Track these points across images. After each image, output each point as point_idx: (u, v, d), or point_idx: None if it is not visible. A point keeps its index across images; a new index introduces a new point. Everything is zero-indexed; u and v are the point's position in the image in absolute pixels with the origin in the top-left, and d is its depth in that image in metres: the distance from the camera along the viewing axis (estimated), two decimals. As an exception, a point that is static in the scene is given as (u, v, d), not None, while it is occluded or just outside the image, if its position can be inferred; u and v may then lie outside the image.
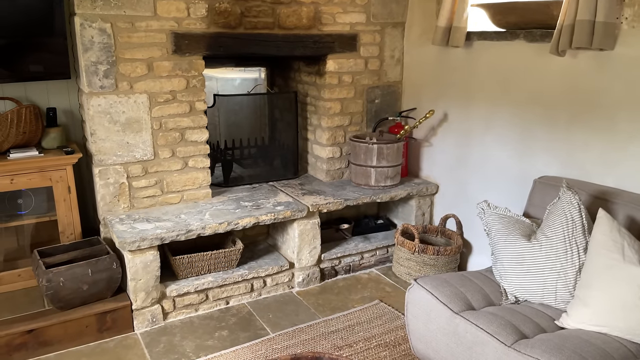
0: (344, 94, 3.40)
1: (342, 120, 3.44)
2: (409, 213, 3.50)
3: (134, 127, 2.79)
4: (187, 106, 2.91)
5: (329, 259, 3.19)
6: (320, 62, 3.34)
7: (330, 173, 3.50)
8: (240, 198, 3.12)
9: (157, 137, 2.87)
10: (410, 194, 3.35)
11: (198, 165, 3.02)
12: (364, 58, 3.41)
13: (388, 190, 3.29)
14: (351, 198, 3.16)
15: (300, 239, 3.02)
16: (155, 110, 2.83)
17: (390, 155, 3.26)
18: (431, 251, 3.07)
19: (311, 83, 3.48)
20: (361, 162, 3.30)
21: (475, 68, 3.03)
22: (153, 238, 2.56)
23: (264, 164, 3.58)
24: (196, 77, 2.90)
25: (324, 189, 3.33)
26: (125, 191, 2.84)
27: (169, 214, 2.84)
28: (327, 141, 3.43)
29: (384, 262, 3.42)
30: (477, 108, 3.05)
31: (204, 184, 3.07)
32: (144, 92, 2.78)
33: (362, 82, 3.45)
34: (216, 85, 4.63)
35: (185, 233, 2.65)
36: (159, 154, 2.89)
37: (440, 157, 3.39)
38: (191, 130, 2.96)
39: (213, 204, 3.00)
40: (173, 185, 2.97)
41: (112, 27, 2.64)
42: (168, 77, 2.82)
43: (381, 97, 3.56)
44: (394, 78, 3.57)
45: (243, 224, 2.80)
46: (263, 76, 4.12)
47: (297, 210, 2.94)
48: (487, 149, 3.03)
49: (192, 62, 2.87)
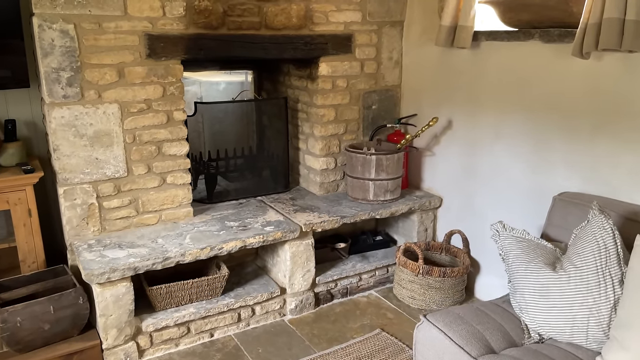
0: (338, 99, 3.10)
1: (337, 128, 3.15)
2: (410, 228, 3.22)
3: (104, 141, 2.48)
4: (164, 116, 2.61)
5: (324, 282, 2.90)
6: (312, 65, 3.04)
7: (324, 186, 3.20)
8: (225, 217, 2.82)
9: (130, 151, 2.56)
10: (412, 208, 3.07)
11: (177, 181, 2.71)
12: (360, 60, 3.12)
13: (388, 205, 3.01)
14: (348, 215, 2.87)
15: (292, 262, 2.72)
16: (127, 122, 2.52)
17: (390, 167, 2.98)
18: (437, 273, 2.79)
19: (302, 88, 3.18)
20: (358, 174, 3.01)
21: (483, 71, 2.75)
22: (125, 268, 2.26)
23: (252, 176, 3.27)
24: (174, 84, 2.60)
25: (317, 204, 3.03)
26: (94, 213, 2.53)
27: (144, 238, 2.53)
28: (320, 151, 3.13)
29: (384, 282, 3.13)
30: (486, 115, 2.78)
31: (185, 202, 2.77)
32: (115, 102, 2.47)
33: (357, 87, 3.16)
34: (200, 89, 4.32)
35: (163, 261, 2.35)
36: (132, 170, 2.58)
37: (444, 168, 3.11)
38: (169, 143, 2.65)
39: (195, 225, 2.70)
40: (149, 204, 2.66)
41: (76, 28, 2.32)
42: (142, 85, 2.51)
43: (378, 103, 3.27)
44: (392, 82, 3.28)
45: (228, 248, 2.50)
46: (250, 80, 3.82)
47: (289, 231, 2.65)
48: (497, 159, 2.75)
49: (169, 67, 2.56)
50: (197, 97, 4.32)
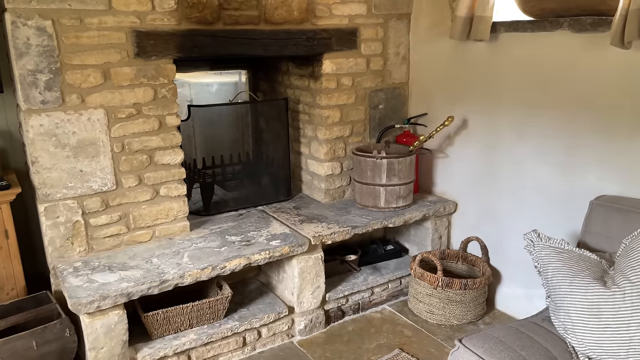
0: (343, 99, 2.87)
1: (342, 130, 2.92)
2: (423, 236, 3.00)
3: (89, 151, 2.22)
4: (156, 122, 2.35)
5: (334, 299, 2.66)
6: (315, 63, 2.80)
7: (330, 193, 2.97)
8: (225, 230, 2.57)
9: (119, 161, 2.29)
10: (426, 215, 2.85)
11: (172, 193, 2.46)
12: (365, 56, 2.89)
13: (401, 213, 2.78)
14: (359, 224, 2.63)
15: (300, 278, 2.48)
16: (115, 129, 2.25)
17: (402, 171, 2.75)
18: (457, 285, 2.57)
19: (304, 88, 2.94)
20: (368, 180, 2.78)
21: (503, 66, 2.54)
22: (117, 295, 2.00)
23: (251, 184, 3.02)
24: (166, 86, 2.34)
25: (324, 213, 2.80)
26: (80, 231, 2.26)
27: (137, 258, 2.27)
28: (325, 156, 2.90)
29: (397, 295, 2.91)
30: (506, 114, 2.56)
31: (180, 215, 2.51)
32: (100, 107, 2.20)
33: (363, 85, 2.93)
34: (189, 92, 4.05)
35: (159, 285, 2.09)
36: (122, 182, 2.32)
37: (459, 171, 2.90)
38: (162, 151, 2.39)
39: (192, 241, 2.44)
40: (142, 219, 2.40)
41: (54, 25, 2.05)
42: (130, 87, 2.25)
43: (385, 102, 3.04)
44: (399, 79, 3.06)
45: (231, 267, 2.25)
46: (244, 80, 3.57)
47: (297, 245, 2.41)
48: (520, 161, 2.54)
49: (160, 67, 2.31)
50: (187, 100, 4.06)
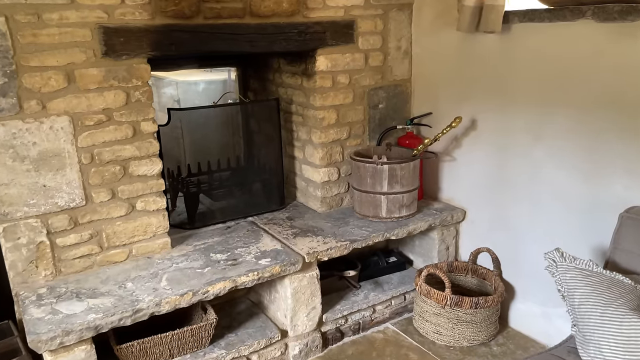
0: (340, 99, 2.61)
1: (339, 132, 2.66)
2: (429, 247, 2.75)
3: (53, 164, 1.97)
4: (130, 128, 2.10)
5: (332, 319, 2.42)
6: (308, 59, 2.55)
7: (327, 201, 2.72)
8: (210, 247, 2.32)
9: (88, 174, 2.05)
10: (432, 225, 2.60)
11: (150, 207, 2.21)
12: (364, 51, 2.63)
13: (404, 223, 2.53)
14: (359, 238, 2.39)
15: (294, 299, 2.24)
16: (82, 138, 2.01)
17: (405, 178, 2.50)
18: (468, 304, 2.33)
19: (296, 86, 2.69)
20: (367, 187, 2.53)
21: (517, 60, 2.28)
22: (83, 329, 1.76)
23: (241, 193, 2.78)
24: (139, 89, 2.09)
25: (320, 224, 2.55)
26: (45, 253, 2.02)
27: (110, 282, 2.03)
28: (320, 161, 2.64)
29: (401, 313, 2.67)
30: (520, 113, 2.31)
31: (160, 231, 2.26)
32: (64, 114, 1.95)
33: (362, 83, 2.67)
34: (177, 91, 3.80)
35: (132, 315, 1.85)
36: (92, 197, 2.08)
37: (467, 176, 2.64)
38: (137, 161, 2.14)
39: (173, 260, 2.20)
40: (116, 237, 2.16)
41: (8, 21, 1.80)
42: (99, 91, 2.00)
43: (386, 101, 2.79)
44: (401, 75, 2.80)
45: (215, 291, 2.01)
46: (234, 78, 3.32)
47: (289, 264, 2.16)
48: (536, 165, 2.29)
49: (133, 68, 2.05)
50: (174, 100, 3.81)
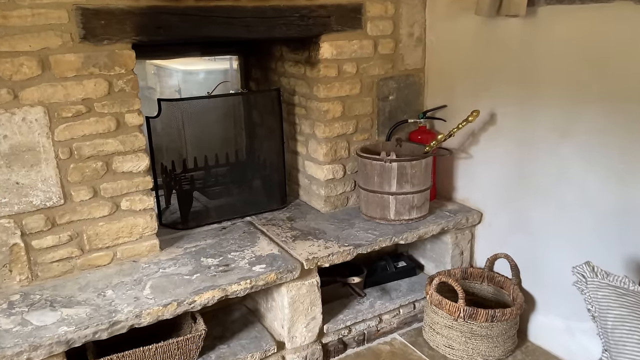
0: (346, 90, 2.40)
1: (345, 126, 2.45)
2: (441, 251, 2.54)
3: (26, 159, 1.80)
4: (112, 121, 1.92)
5: (334, 330, 2.23)
6: (312, 47, 2.34)
7: (331, 200, 2.52)
8: (202, 250, 2.14)
9: (66, 170, 1.87)
10: (445, 228, 2.38)
11: (136, 206, 2.03)
12: (373, 38, 2.41)
13: (415, 226, 2.32)
14: (364, 242, 2.18)
15: (292, 309, 2.05)
16: (60, 131, 1.83)
17: (416, 177, 2.28)
18: (483, 317, 2.11)
19: (299, 76, 2.48)
20: (375, 186, 2.32)
21: (543, 47, 2.04)
22: (53, 343, 1.58)
23: (239, 190, 2.59)
24: (123, 77, 1.90)
25: (323, 226, 2.35)
26: (20, 256, 1.85)
27: (89, 289, 1.85)
28: (324, 157, 2.44)
29: (410, 322, 2.46)
30: (546, 105, 2.08)
31: (147, 232, 2.09)
32: (38, 104, 1.78)
33: (370, 73, 2.45)
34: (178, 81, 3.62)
35: (109, 328, 1.67)
36: (72, 195, 1.90)
37: (485, 174, 2.42)
38: (121, 156, 1.96)
39: (160, 265, 2.02)
40: (99, 239, 1.99)
41: (-27, 1, 1.63)
42: (77, 79, 1.82)
43: (397, 92, 2.57)
44: (413, 65, 2.58)
45: (202, 301, 1.82)
46: (236, 66, 3.13)
47: (286, 271, 1.97)
48: (562, 164, 2.06)
49: (115, 54, 1.87)
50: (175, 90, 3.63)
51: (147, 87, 3.53)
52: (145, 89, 3.36)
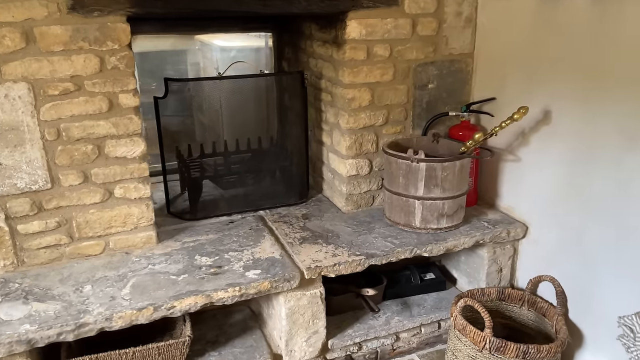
0: (376, 75, 2.11)
1: (373, 117, 2.17)
2: (476, 266, 2.21)
3: (9, 139, 1.67)
4: (104, 101, 1.75)
5: (341, 346, 1.99)
6: (338, 25, 2.06)
7: (353, 199, 2.25)
8: (199, 246, 1.96)
9: (53, 153, 1.74)
10: (480, 241, 2.05)
11: (130, 195, 1.88)
12: (411, 16, 2.08)
13: (442, 237, 2.01)
14: (379, 252, 1.91)
15: (290, 321, 1.83)
16: (46, 110, 1.69)
17: (448, 180, 1.97)
18: (513, 352, 1.79)
19: (326, 58, 2.21)
20: (399, 188, 2.03)
21: (615, 32, 1.64)
22: (13, 342, 1.46)
23: (255, 181, 2.38)
24: (116, 53, 1.72)
25: (338, 228, 2.10)
26: (4, 240, 1.75)
27: (69, 282, 1.73)
28: (347, 150, 2.17)
29: (433, 343, 2.18)
30: (613, 105, 1.68)
31: (143, 223, 1.93)
32: (22, 79, 1.64)
33: (406, 56, 2.14)
34: (216, 58, 3.45)
35: (75, 329, 1.53)
36: (59, 179, 1.77)
37: (535, 182, 2.05)
38: (114, 140, 1.80)
39: (151, 260, 1.86)
40: (89, 227, 1.85)
41: (-50, -35, 1.50)
42: (65, 54, 1.67)
43: (438, 80, 2.23)
44: (460, 49, 2.23)
45: (182, 307, 1.64)
46: (271, 44, 2.90)
47: (282, 279, 1.74)
48: (629, 177, 1.67)
49: (107, 28, 1.69)
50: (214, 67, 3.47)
51: (193, 62, 3.40)
52: (193, 64, 3.21)
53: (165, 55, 3.06)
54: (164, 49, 3.03)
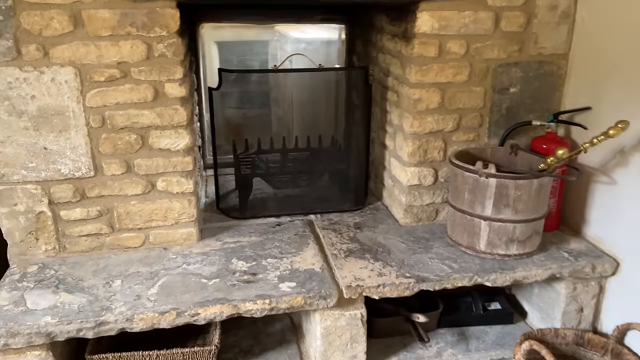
0: (447, 75, 1.86)
1: (442, 121, 1.93)
2: (551, 303, 1.90)
3: (55, 124, 1.65)
4: (150, 90, 1.68)
5: (383, 375, 1.79)
6: (409, 17, 1.84)
7: (413, 211, 2.03)
8: (239, 249, 1.84)
9: (97, 140, 1.69)
10: (556, 274, 1.75)
11: (172, 188, 1.80)
12: (494, 9, 1.82)
13: (511, 266, 1.74)
14: (432, 276, 1.68)
15: (325, 342, 1.66)
16: (91, 96, 1.65)
17: (522, 200, 1.69)
18: (585, 413, 1.49)
19: (395, 53, 2.00)
20: (464, 205, 1.78)
21: None
22: (33, 333, 1.43)
23: (308, 182, 2.22)
24: (164, 40, 1.64)
25: (392, 242, 1.89)
26: (47, 225, 1.74)
27: (101, 274, 1.68)
28: (410, 157, 1.95)
29: (492, 383, 1.91)
30: None
31: (184, 219, 1.85)
32: (69, 64, 1.60)
33: (485, 55, 1.87)
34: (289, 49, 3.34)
35: (95, 327, 1.47)
36: (102, 168, 1.73)
37: (630, 210, 1.72)
38: (158, 131, 1.73)
39: (187, 258, 1.77)
40: (129, 219, 1.80)
41: (4, -55, 1.48)
42: (112, 39, 1.61)
43: (522, 83, 1.94)
44: (552, 48, 1.92)
45: (207, 315, 1.53)
46: (344, 37, 2.73)
47: (318, 296, 1.58)
48: None
49: (155, 13, 1.61)
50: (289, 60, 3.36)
51: (273, 54, 3.34)
52: (273, 55, 3.15)
53: (250, 45, 3.00)
54: (247, 39, 2.98)
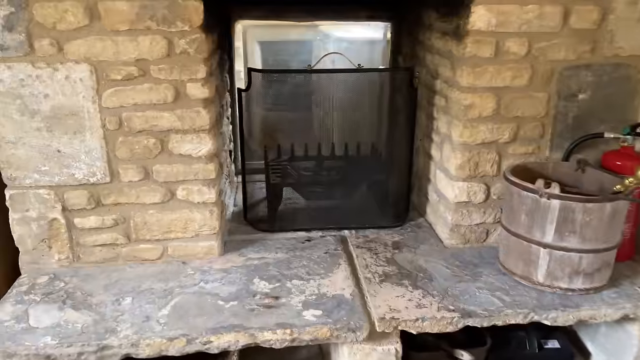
0: (505, 78, 1.63)
1: (497, 131, 1.69)
2: (621, 345, 1.63)
3: (69, 125, 1.53)
4: (170, 90, 1.53)
5: (419, 418, 1.57)
6: (462, 12, 1.62)
7: (460, 231, 1.80)
8: (263, 266, 1.67)
9: (114, 144, 1.57)
10: (630, 315, 1.49)
11: (193, 198, 1.65)
12: (562, 3, 1.57)
13: (575, 303, 1.49)
14: (480, 310, 1.45)
15: (353, 378, 1.46)
16: (108, 96, 1.52)
17: (591, 227, 1.43)
18: None
19: (444, 53, 1.78)
20: (520, 228, 1.54)
21: None
22: (30, 355, 1.30)
23: (343, 195, 2.03)
24: (187, 35, 1.49)
25: (433, 267, 1.67)
26: (60, 233, 1.63)
27: (113, 289, 1.55)
28: (458, 170, 1.73)
29: None
30: None
31: (205, 231, 1.69)
32: (84, 60, 1.48)
33: (550, 56, 1.62)
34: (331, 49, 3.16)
35: (97, 351, 1.32)
36: (119, 173, 1.60)
37: None
38: (179, 135, 1.58)
39: (205, 276, 1.62)
40: (147, 229, 1.67)
41: None
42: (130, 34, 1.47)
43: (594, 89, 1.68)
44: (631, 49, 1.65)
45: (220, 343, 1.36)
46: (389, 36, 2.54)
47: (346, 329, 1.38)
48: None
49: (177, 6, 1.46)
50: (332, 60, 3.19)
51: (317, 55, 3.19)
52: (317, 56, 3.02)
53: (292, 45, 2.86)
54: (289, 38, 2.84)
